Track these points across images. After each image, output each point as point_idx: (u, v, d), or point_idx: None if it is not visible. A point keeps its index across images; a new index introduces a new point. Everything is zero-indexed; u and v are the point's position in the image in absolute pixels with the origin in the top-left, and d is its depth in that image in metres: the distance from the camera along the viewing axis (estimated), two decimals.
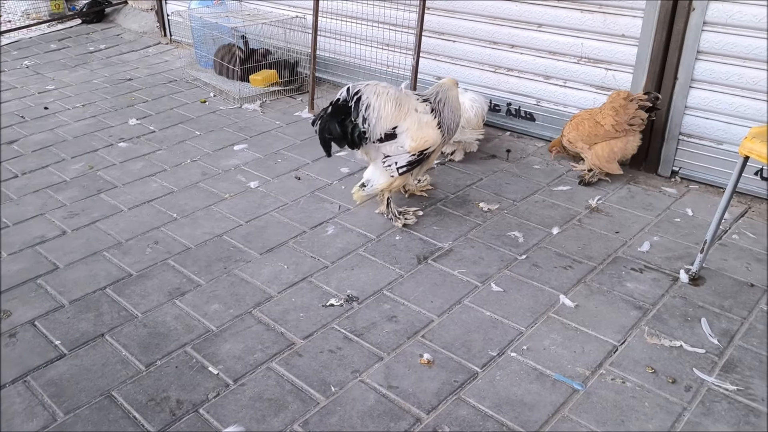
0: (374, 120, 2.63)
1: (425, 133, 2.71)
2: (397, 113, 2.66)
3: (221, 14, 4.58)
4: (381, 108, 2.62)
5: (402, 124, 2.68)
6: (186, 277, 2.55)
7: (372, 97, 2.62)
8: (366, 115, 2.61)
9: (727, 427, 1.86)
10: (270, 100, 4.37)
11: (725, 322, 2.26)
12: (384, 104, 2.63)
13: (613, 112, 3.04)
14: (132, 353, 2.17)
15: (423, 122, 2.71)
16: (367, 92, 2.62)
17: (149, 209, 3.04)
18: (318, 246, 2.74)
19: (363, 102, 2.61)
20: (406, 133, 2.69)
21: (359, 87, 2.64)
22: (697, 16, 2.92)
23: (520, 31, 3.54)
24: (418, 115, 2.72)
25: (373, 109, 2.61)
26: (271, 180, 3.30)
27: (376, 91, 2.64)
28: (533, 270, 2.57)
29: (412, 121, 2.69)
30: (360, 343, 2.20)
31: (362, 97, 2.61)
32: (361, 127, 2.63)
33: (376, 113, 2.62)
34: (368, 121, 2.63)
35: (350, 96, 2.62)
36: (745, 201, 3.02)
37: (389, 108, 2.64)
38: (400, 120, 2.68)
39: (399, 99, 2.69)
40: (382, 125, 2.64)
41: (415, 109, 2.72)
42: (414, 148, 2.71)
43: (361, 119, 2.62)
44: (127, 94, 4.48)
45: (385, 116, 2.63)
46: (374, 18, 3.97)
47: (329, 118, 2.65)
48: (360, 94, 2.61)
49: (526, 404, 1.95)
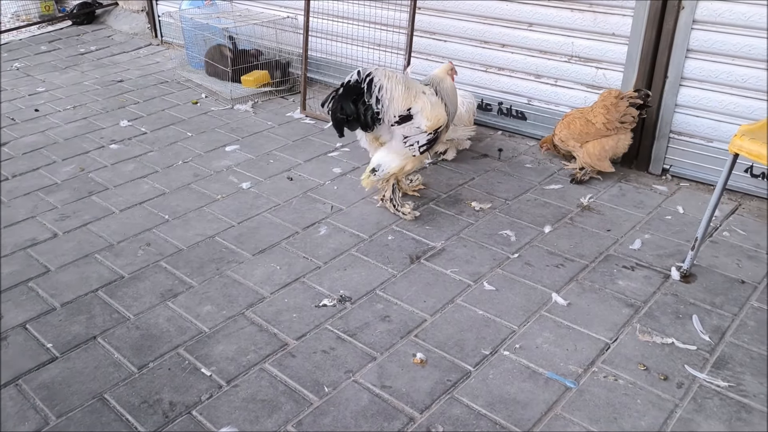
0: (387, 101, 2.69)
1: (438, 112, 2.79)
2: (407, 95, 2.73)
3: (212, 15, 4.57)
4: (393, 89, 2.69)
5: (415, 105, 2.75)
6: (178, 279, 2.54)
7: (383, 79, 2.68)
8: (380, 96, 2.67)
9: (719, 424, 1.87)
10: (262, 101, 4.36)
11: (716, 319, 2.28)
12: (395, 86, 2.70)
13: (604, 110, 3.05)
14: (124, 355, 2.16)
15: (434, 102, 2.79)
16: (378, 75, 2.68)
17: (141, 211, 3.04)
18: (310, 246, 2.74)
19: (375, 84, 2.66)
20: (420, 113, 2.76)
21: (370, 70, 2.69)
22: (687, 15, 2.93)
23: (510, 30, 3.55)
24: (427, 96, 2.79)
25: (386, 90, 2.68)
26: (263, 181, 3.29)
27: (386, 74, 2.71)
28: (525, 269, 2.57)
29: (425, 102, 2.77)
30: (353, 343, 2.20)
31: (374, 79, 2.67)
32: (375, 108, 2.68)
33: (389, 94, 2.68)
34: (381, 102, 2.69)
35: (362, 78, 2.67)
36: (735, 198, 3.03)
37: (400, 89, 2.71)
38: (412, 101, 2.74)
39: (407, 82, 2.76)
40: (396, 106, 2.71)
41: (423, 92, 2.80)
42: (430, 127, 2.78)
43: (375, 100, 2.67)
44: (118, 96, 4.47)
45: (398, 97, 2.70)
46: (365, 18, 3.98)
47: (341, 97, 2.70)
48: (372, 76, 2.67)
49: (519, 402, 1.96)
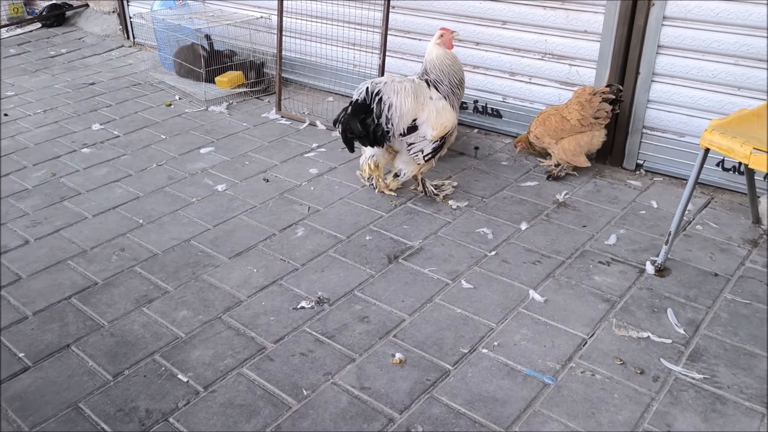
0: (397, 118, 2.72)
1: (444, 119, 2.81)
2: (415, 106, 2.75)
3: (184, 16, 4.52)
4: (402, 105, 2.71)
5: (421, 116, 2.78)
6: (153, 284, 2.51)
7: (393, 96, 2.70)
8: (389, 116, 2.70)
9: (694, 416, 1.90)
10: (236, 102, 4.33)
11: (691, 312, 2.31)
12: (404, 101, 2.72)
13: (579, 107, 3.07)
14: (99, 363, 2.13)
15: (440, 108, 2.81)
16: (387, 91, 2.70)
17: (114, 216, 2.99)
18: (288, 248, 2.72)
19: (385, 102, 2.68)
20: (426, 124, 2.79)
21: (379, 87, 2.70)
22: (657, 11, 2.97)
23: (484, 28, 3.56)
24: (434, 102, 2.80)
25: (395, 108, 2.70)
26: (238, 183, 3.27)
27: (395, 89, 2.72)
28: (503, 266, 2.58)
29: (430, 111, 2.79)
30: (331, 345, 2.19)
31: (383, 98, 2.68)
32: (385, 128, 2.71)
33: (399, 112, 2.71)
34: (392, 121, 2.71)
35: (371, 97, 2.68)
36: (707, 192, 3.08)
37: (409, 103, 2.73)
38: (419, 112, 2.77)
39: (415, 91, 2.77)
40: (405, 121, 2.74)
41: (430, 98, 2.81)
42: (436, 135, 2.81)
43: (384, 119, 2.69)
44: (89, 99, 4.40)
45: (406, 112, 2.73)
46: (340, 17, 3.96)
47: (350, 117, 2.72)
48: (381, 94, 2.68)
49: (497, 400, 1.96)
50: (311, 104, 4.22)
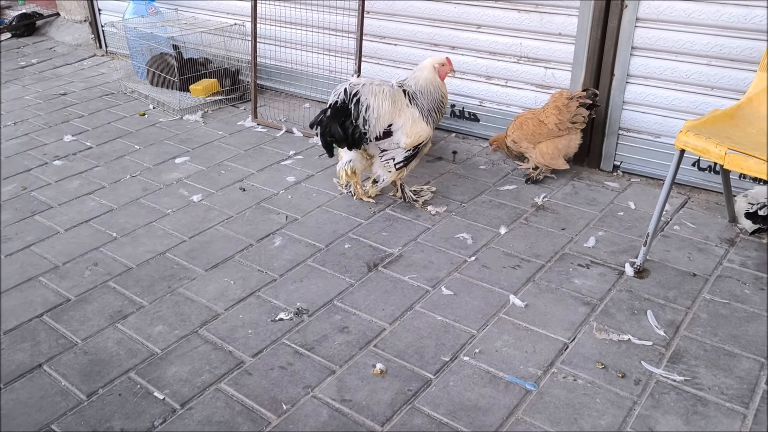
0: (374, 120, 2.69)
1: (418, 128, 2.79)
2: (393, 110, 2.73)
3: (157, 24, 4.46)
4: (379, 107, 2.69)
5: (397, 121, 2.75)
6: (128, 299, 2.46)
7: (370, 98, 2.68)
8: (366, 117, 2.67)
9: (676, 418, 1.89)
10: (212, 110, 4.28)
11: (670, 313, 2.31)
12: (381, 103, 2.69)
13: (556, 111, 3.07)
14: (72, 383, 2.07)
15: (416, 117, 2.79)
16: (365, 92, 2.67)
17: (87, 229, 2.93)
18: (265, 259, 2.68)
19: (362, 103, 2.66)
20: (401, 130, 2.76)
21: (357, 88, 2.68)
22: (630, 13, 2.98)
23: (459, 32, 3.55)
24: (410, 110, 2.79)
25: (372, 110, 2.67)
26: (214, 192, 3.22)
27: (373, 90, 2.69)
28: (483, 271, 2.57)
29: (406, 118, 2.77)
30: (311, 357, 2.16)
31: (361, 98, 2.65)
32: (362, 129, 2.68)
33: (376, 113, 2.68)
34: (368, 122, 2.68)
35: (349, 97, 2.64)
36: (684, 192, 3.09)
37: (386, 106, 2.71)
38: (395, 117, 2.74)
39: (393, 96, 2.75)
40: (381, 123, 2.71)
41: (407, 105, 2.80)
42: (409, 144, 2.79)
43: (362, 120, 2.67)
44: (61, 110, 4.32)
45: (384, 114, 2.70)
46: (314, 23, 3.93)
47: (330, 120, 2.69)
48: (359, 95, 2.65)
49: (480, 409, 1.94)
50: (288, 111, 4.18)
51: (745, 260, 2.58)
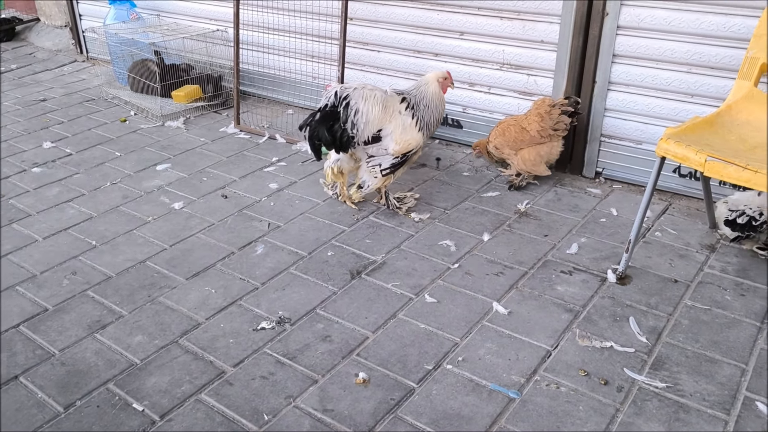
0: (362, 125, 2.68)
1: (409, 136, 2.78)
2: (383, 116, 2.72)
3: (138, 29, 4.42)
4: (369, 112, 2.68)
5: (387, 127, 2.74)
6: (107, 309, 2.42)
7: (360, 102, 2.67)
8: (355, 121, 2.66)
9: (658, 425, 1.89)
10: (194, 117, 4.24)
11: (652, 320, 2.32)
12: (371, 108, 2.68)
13: (538, 118, 3.08)
14: (49, 395, 2.03)
15: (407, 125, 2.78)
16: (355, 97, 2.66)
17: (66, 237, 2.89)
18: (247, 267, 2.66)
19: (351, 107, 2.65)
20: (390, 137, 2.75)
21: (347, 91, 2.67)
22: (611, 21, 3.00)
23: (442, 39, 3.55)
24: (402, 117, 2.78)
25: (361, 114, 2.66)
26: (196, 200, 3.19)
27: (364, 95, 2.69)
28: (466, 278, 2.56)
29: (397, 124, 2.75)
30: (293, 367, 2.13)
31: (350, 102, 2.64)
32: (350, 133, 2.67)
33: (365, 118, 2.67)
34: (357, 126, 2.67)
35: (338, 101, 2.63)
36: (665, 198, 3.11)
37: (376, 111, 2.70)
38: (386, 122, 2.73)
39: (385, 101, 2.74)
40: (370, 129, 2.70)
41: (399, 112, 2.79)
42: (398, 151, 2.78)
43: (350, 124, 2.66)
44: (41, 116, 4.27)
45: (373, 120, 2.69)
46: (297, 30, 3.92)
47: (318, 124, 2.67)
48: (348, 99, 2.64)
49: (463, 417, 1.93)
50: (271, 117, 4.16)
51: (726, 266, 2.60)
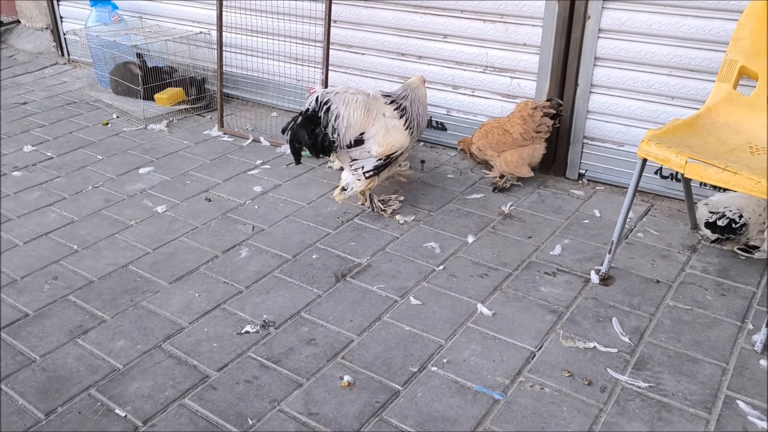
0: (344, 129, 2.68)
1: (392, 138, 2.79)
2: (366, 119, 2.73)
3: (120, 32, 4.39)
4: (350, 116, 2.68)
5: (369, 130, 2.75)
6: (89, 313, 2.40)
7: (341, 107, 2.67)
8: (335, 125, 2.66)
9: (641, 425, 1.91)
10: (177, 120, 4.22)
11: (635, 320, 2.33)
12: (353, 112, 2.69)
13: (521, 121, 3.10)
14: (30, 401, 2.01)
15: (390, 127, 2.80)
16: (336, 101, 2.67)
17: (47, 242, 2.86)
18: (231, 270, 2.64)
19: (332, 112, 2.65)
20: (373, 139, 2.76)
21: (328, 96, 2.68)
22: (593, 24, 3.02)
23: (426, 42, 3.56)
24: (386, 120, 2.79)
25: (342, 119, 2.67)
26: (179, 203, 3.17)
27: (345, 99, 2.69)
28: (451, 280, 2.57)
29: (380, 127, 2.77)
30: (278, 371, 2.12)
31: (331, 107, 2.65)
32: (331, 137, 2.68)
33: (345, 122, 2.68)
34: (338, 131, 2.68)
35: (319, 106, 2.64)
36: (647, 199, 3.14)
37: (358, 115, 2.70)
38: (368, 126, 2.74)
39: (368, 105, 2.75)
40: (352, 132, 2.71)
41: (383, 114, 2.80)
42: (380, 153, 2.79)
43: (331, 129, 2.66)
44: (21, 119, 4.22)
45: (354, 123, 2.70)
46: (281, 32, 3.91)
47: (299, 127, 2.68)
48: (330, 104, 2.64)
49: (448, 419, 1.94)
50: (255, 120, 4.15)
51: (707, 266, 2.63)
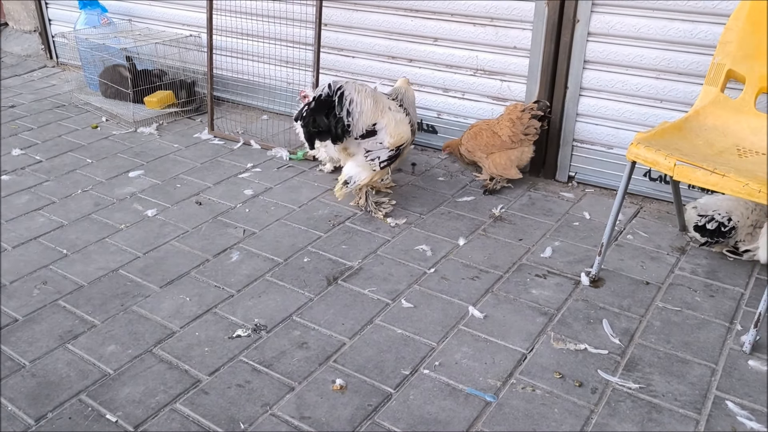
0: (357, 114, 2.73)
1: (401, 130, 2.89)
2: (375, 109, 2.79)
3: (110, 35, 4.37)
4: (363, 103, 2.73)
5: (381, 121, 2.82)
6: (79, 318, 2.38)
7: (354, 93, 2.72)
8: (350, 109, 2.71)
9: (632, 426, 1.92)
10: (167, 123, 4.20)
11: (625, 322, 2.35)
12: (364, 99, 2.74)
13: (510, 123, 3.12)
14: (19, 407, 2.00)
15: (398, 119, 2.88)
16: (349, 88, 2.72)
17: (36, 246, 2.84)
18: (222, 274, 2.64)
19: (346, 97, 2.70)
20: (384, 130, 2.83)
21: (340, 83, 2.72)
22: (582, 28, 3.05)
23: (417, 45, 3.58)
24: (393, 112, 2.87)
25: (356, 104, 2.72)
26: (170, 207, 3.16)
27: (356, 87, 2.75)
28: (442, 283, 2.58)
29: (390, 119, 2.85)
30: (270, 374, 2.12)
31: (345, 93, 2.70)
32: (346, 121, 2.71)
33: (359, 108, 2.73)
34: (352, 115, 2.72)
35: (333, 91, 2.69)
36: (636, 201, 3.16)
37: (369, 103, 2.76)
38: (378, 117, 2.81)
39: (375, 96, 2.81)
40: (364, 120, 2.76)
41: (389, 108, 2.87)
42: (392, 143, 2.87)
43: (345, 113, 2.70)
44: (9, 123, 4.19)
45: (366, 111, 2.75)
46: (271, 35, 3.91)
47: (314, 111, 2.72)
48: (343, 89, 2.70)
49: (440, 422, 1.94)
50: (245, 123, 4.14)
51: (696, 268, 2.65)
